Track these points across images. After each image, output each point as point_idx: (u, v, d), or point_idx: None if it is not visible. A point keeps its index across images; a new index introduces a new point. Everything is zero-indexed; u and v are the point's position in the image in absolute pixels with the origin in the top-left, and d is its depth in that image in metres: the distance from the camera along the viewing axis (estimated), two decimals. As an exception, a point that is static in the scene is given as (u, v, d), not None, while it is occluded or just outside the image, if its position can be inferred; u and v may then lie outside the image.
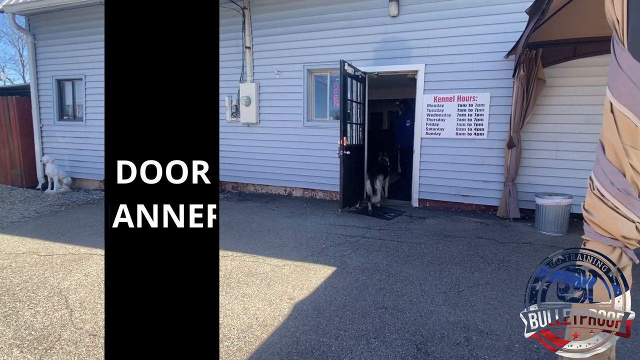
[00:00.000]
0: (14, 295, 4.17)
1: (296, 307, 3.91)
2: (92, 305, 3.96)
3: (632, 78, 1.95)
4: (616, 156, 2.06)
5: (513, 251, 5.63)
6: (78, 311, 3.82)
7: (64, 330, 3.46)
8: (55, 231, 6.71)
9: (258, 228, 6.82)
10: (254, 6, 9.47)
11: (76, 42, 10.82)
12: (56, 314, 3.75)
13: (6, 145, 11.44)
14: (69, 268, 4.94)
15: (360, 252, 5.53)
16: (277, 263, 5.13)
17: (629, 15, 1.95)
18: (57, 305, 3.94)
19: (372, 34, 8.45)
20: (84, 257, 5.38)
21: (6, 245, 5.90)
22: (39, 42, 11.36)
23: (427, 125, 8.19)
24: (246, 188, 10.49)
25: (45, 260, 5.22)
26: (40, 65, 11.46)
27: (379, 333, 3.41)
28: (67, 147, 11.47)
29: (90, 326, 3.54)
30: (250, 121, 9.78)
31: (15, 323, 3.58)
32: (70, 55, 10.96)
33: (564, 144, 7.24)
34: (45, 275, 4.72)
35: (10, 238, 6.30)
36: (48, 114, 11.57)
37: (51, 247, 5.80)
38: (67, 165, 11.39)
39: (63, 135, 11.49)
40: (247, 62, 9.67)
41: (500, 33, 7.39)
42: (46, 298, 4.11)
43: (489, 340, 3.29)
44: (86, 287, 4.38)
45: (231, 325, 3.56)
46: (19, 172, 11.42)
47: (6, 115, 11.28)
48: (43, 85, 11.50)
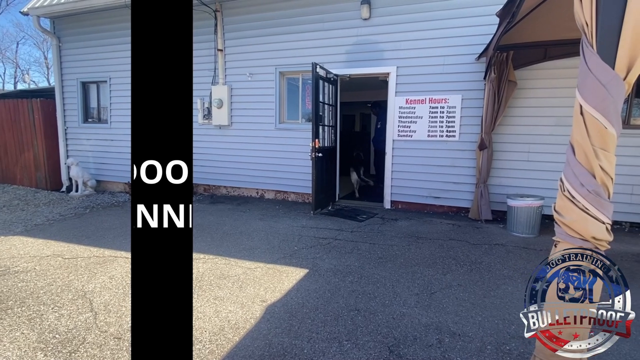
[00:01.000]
0: (38, 299, 4.09)
1: (268, 309, 3.85)
2: (117, 308, 3.90)
3: (601, 80, 1.97)
4: (586, 158, 2.07)
5: (485, 253, 5.62)
6: (102, 314, 3.76)
7: (88, 333, 3.41)
8: (80, 234, 6.60)
9: (230, 230, 6.74)
10: (226, 9, 9.42)
11: (101, 45, 10.66)
12: (80, 317, 3.69)
13: (30, 147, 11.30)
14: (94, 271, 4.88)
15: (332, 254, 5.48)
16: (249, 265, 5.06)
17: (597, 19, 1.98)
18: (82, 308, 3.88)
19: (344, 36, 8.44)
20: (108, 259, 5.30)
21: (30, 248, 5.80)
22: (64, 45, 11.17)
23: (399, 127, 8.19)
24: (218, 190, 10.40)
25: (70, 263, 5.14)
26: (65, 68, 11.26)
27: (352, 335, 3.36)
28: (91, 149, 11.30)
29: (114, 329, 3.48)
30: (222, 123, 9.70)
31: (39, 326, 3.52)
32: (94, 58, 10.79)
33: (535, 146, 7.29)
34: (70, 278, 4.65)
35: (35, 241, 6.20)
36: (73, 116, 11.37)
37: (75, 250, 5.72)
38: (91, 167, 11.24)
39: (88, 138, 11.31)
40: (219, 65, 9.61)
41: (472, 35, 7.43)
42: (70, 301, 4.04)
43: (461, 342, 3.25)
44: (110, 290, 4.31)
45: (203, 328, 3.50)
46: (43, 175, 11.27)
47: (30, 118, 11.12)
48: (68, 87, 11.31)
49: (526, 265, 5.08)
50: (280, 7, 8.89)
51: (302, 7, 8.69)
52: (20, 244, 5.99)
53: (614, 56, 1.95)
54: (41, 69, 43.21)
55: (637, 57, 1.91)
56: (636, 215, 6.87)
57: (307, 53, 8.71)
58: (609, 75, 1.95)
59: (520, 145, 7.40)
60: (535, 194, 6.84)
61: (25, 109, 11.12)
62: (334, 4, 8.43)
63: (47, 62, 38.89)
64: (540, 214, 6.54)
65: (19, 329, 3.46)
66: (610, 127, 1.97)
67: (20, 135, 11.35)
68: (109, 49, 10.52)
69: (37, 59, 47.13)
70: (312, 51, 8.68)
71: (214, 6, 9.31)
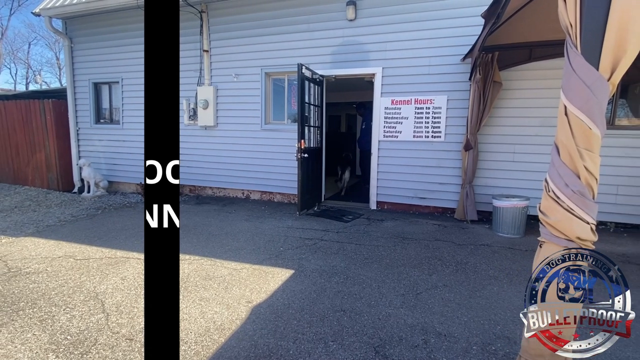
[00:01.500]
0: (50, 300, 4.06)
1: (254, 310, 3.82)
2: (129, 309, 3.87)
3: (586, 81, 1.97)
4: (571, 158, 2.07)
5: (471, 253, 5.63)
6: (114, 315, 3.74)
7: (100, 334, 3.38)
8: (92, 235, 6.56)
9: (216, 231, 6.70)
10: (211, 10, 9.39)
11: (113, 46, 10.54)
12: (92, 318, 3.67)
13: (42, 148, 11.20)
14: (105, 272, 4.84)
15: (318, 255, 5.46)
16: (235, 266, 5.03)
17: (582, 20, 1.98)
18: (93, 310, 3.85)
19: (329, 37, 8.43)
20: (120, 260, 5.27)
21: (42, 249, 5.75)
22: (76, 46, 11.03)
23: (384, 128, 8.20)
24: (204, 191, 10.35)
25: (82, 264, 5.11)
26: (77, 69, 11.13)
27: (337, 336, 3.34)
28: (103, 150, 11.17)
29: (126, 330, 3.46)
30: (208, 124, 9.66)
31: (50, 327, 3.50)
32: (106, 59, 10.66)
33: (521, 146, 7.33)
34: (82, 279, 4.62)
35: (46, 242, 6.14)
36: (84, 117, 11.23)
37: (87, 251, 5.68)
38: (103, 168, 11.13)
39: (100, 139, 11.18)
40: (205, 66, 9.57)
41: (457, 37, 7.46)
42: (82, 302, 4.01)
43: (447, 343, 3.24)
44: (122, 291, 4.28)
45: (188, 329, 3.46)
46: (55, 176, 11.16)
47: (42, 119, 11.00)
48: (80, 88, 11.17)
49: (512, 266, 5.10)
50: (266, 8, 8.87)
51: (287, 8, 8.68)
52: (32, 245, 5.95)
53: (598, 57, 1.95)
54: (53, 70, 43.16)
55: (621, 57, 1.92)
56: (621, 215, 6.93)
57: (293, 54, 8.69)
58: (593, 76, 1.95)
59: (505, 146, 7.44)
60: (521, 195, 6.88)
61: (37, 110, 11.02)
62: (319, 4, 8.42)
63: (59, 62, 38.73)
64: (526, 215, 6.58)
65: (30, 330, 3.44)
66: (594, 127, 1.98)
67: (32, 136, 11.24)
68: (121, 49, 10.43)
69: (49, 59, 46.73)
70: (298, 52, 8.67)
71: (200, 7, 9.28)
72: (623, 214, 6.91)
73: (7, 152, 11.89)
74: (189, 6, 9.11)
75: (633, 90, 7.08)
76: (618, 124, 7.00)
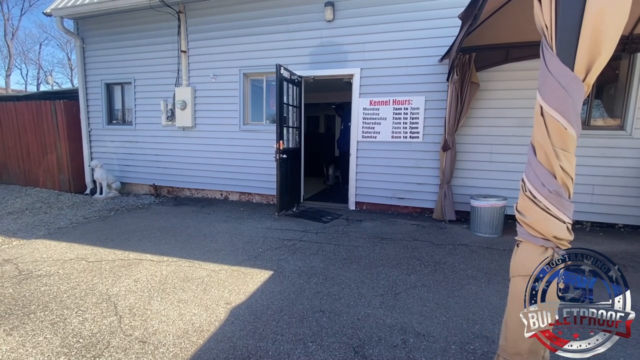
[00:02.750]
0: (62, 303, 4.01)
1: (233, 312, 3.80)
2: (142, 311, 3.82)
3: (561, 82, 1.99)
4: (547, 158, 2.08)
5: (449, 253, 5.66)
6: (127, 317, 3.69)
7: (112, 337, 3.35)
8: (104, 237, 6.47)
9: (194, 233, 6.64)
10: (189, 10, 9.31)
11: (125, 46, 10.30)
12: (105, 321, 3.63)
13: (53, 150, 10.97)
14: (118, 274, 4.79)
15: (297, 256, 5.44)
16: (214, 268, 4.99)
17: (557, 21, 1.99)
18: (106, 312, 3.80)
19: (308, 38, 8.43)
20: (133, 262, 5.21)
21: (54, 252, 5.67)
22: (88, 46, 10.75)
23: (363, 128, 8.21)
24: (182, 192, 10.27)
25: (94, 267, 5.04)
26: (88, 69, 10.85)
27: (317, 337, 3.33)
28: (116, 151, 10.92)
29: (139, 333, 3.42)
30: (185, 125, 9.58)
31: (62, 331, 3.45)
32: (119, 59, 10.42)
33: (498, 147, 7.41)
34: (94, 281, 4.56)
35: (58, 244, 6.05)
36: (97, 117, 10.97)
37: (100, 253, 5.61)
38: (116, 169, 10.91)
39: (112, 140, 10.92)
40: (182, 66, 9.50)
41: (435, 38, 7.51)
42: (94, 305, 3.96)
43: (425, 342, 3.25)
44: (135, 293, 4.23)
45: (167, 331, 3.43)
46: (66, 177, 10.93)
47: (54, 120, 10.74)
48: (92, 89, 10.90)
49: (490, 265, 5.14)
50: (244, 9, 8.82)
51: (265, 9, 8.65)
52: (44, 248, 5.86)
53: (573, 58, 1.96)
54: (64, 71, 42.80)
55: (595, 58, 1.93)
56: (597, 215, 7.04)
57: (271, 54, 8.67)
58: (568, 77, 1.97)
59: (483, 146, 7.51)
60: (498, 195, 6.96)
61: (49, 111, 10.78)
62: (297, 5, 8.41)
63: (71, 63, 38.42)
64: (503, 214, 6.64)
65: (42, 334, 3.39)
66: (570, 128, 1.99)
67: (43, 137, 11.01)
68: (134, 50, 10.22)
69: (60, 60, 46.14)
70: (276, 52, 8.64)
71: (178, 7, 9.20)
72: (599, 213, 7.02)
73: (18, 153, 11.65)
74: (166, 6, 9.02)
75: (608, 91, 7.20)
76: (594, 124, 7.10)
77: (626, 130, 6.86)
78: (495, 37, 6.35)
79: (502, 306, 3.92)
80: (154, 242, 6.08)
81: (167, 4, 8.98)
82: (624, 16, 1.88)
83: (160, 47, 9.75)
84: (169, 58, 9.65)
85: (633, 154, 6.84)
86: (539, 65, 2.12)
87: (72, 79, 38.42)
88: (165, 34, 9.53)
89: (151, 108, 10.16)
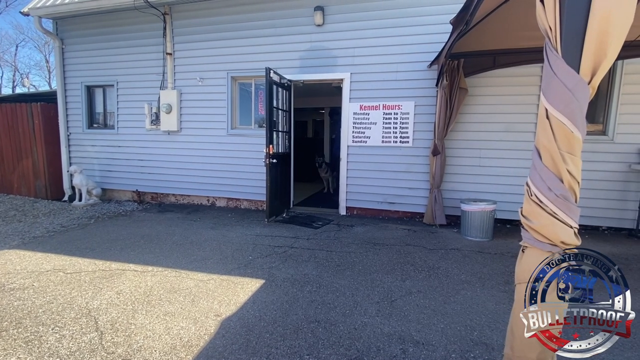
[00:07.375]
0: (37, 318, 3.76)
1: (223, 324, 3.66)
2: (125, 326, 3.61)
3: (567, 85, 1.96)
4: (553, 162, 2.04)
5: (442, 258, 5.64)
6: (109, 333, 3.48)
7: (93, 355, 3.12)
8: (84, 246, 6.20)
9: (180, 240, 6.50)
10: (175, 12, 9.21)
11: (108, 48, 10.05)
12: (84, 338, 3.40)
13: (29, 154, 10.62)
14: (99, 286, 4.56)
15: (289, 263, 5.36)
16: (202, 277, 4.85)
17: (562, 23, 1.96)
18: (86, 328, 3.57)
19: (297, 42, 8.39)
20: (115, 273, 4.98)
21: (28, 263, 5.38)
22: (67, 47, 10.46)
23: (353, 133, 8.19)
24: (167, 199, 10.12)
25: (72, 278, 4.79)
26: (68, 71, 10.54)
27: (313, 349, 3.23)
28: (97, 156, 10.60)
29: (123, 350, 3.21)
30: (171, 129, 9.45)
31: (37, 349, 3.21)
32: (101, 61, 10.15)
33: (486, 151, 7.45)
34: (72, 294, 4.31)
35: (33, 255, 5.75)
36: (76, 121, 10.63)
37: (79, 264, 5.34)
38: (97, 175, 10.58)
39: (93, 144, 10.60)
40: (168, 69, 9.38)
41: (424, 43, 7.53)
42: (73, 320, 3.73)
43: (425, 351, 3.19)
44: (118, 307, 4.02)
45: (152, 347, 3.25)
46: (43, 184, 10.59)
47: (30, 123, 10.42)
48: (71, 91, 10.58)
49: (482, 270, 5.12)
50: (232, 12, 8.76)
51: (254, 12, 8.59)
52: (17, 259, 5.57)
53: (578, 60, 1.94)
54: (42, 73, 41.71)
55: (601, 61, 1.91)
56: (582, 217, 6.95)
57: (260, 58, 8.61)
58: (574, 80, 1.94)
59: (472, 151, 7.54)
60: (488, 199, 6.97)
61: (24, 114, 10.46)
62: (286, 9, 8.38)
63: (49, 65, 37.49)
64: (493, 218, 6.65)
65: (14, 354, 3.15)
66: (576, 130, 1.96)
67: (19, 141, 10.66)
68: (117, 51, 9.99)
69: (37, 62, 45.29)
70: (265, 56, 8.58)
71: (163, 9, 9.09)
72: (583, 216, 7.01)
73: (-10, 159, 11.23)
74: (151, 7, 8.91)
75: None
76: (584, 129, 7.14)
77: (608, 135, 6.99)
78: (483, 44, 6.37)
79: (499, 311, 3.91)
80: (138, 251, 5.90)
81: (152, 5, 8.87)
82: (629, 19, 1.86)
83: (144, 49, 9.60)
84: (154, 60, 9.52)
85: (615, 159, 6.97)
86: (526, 72, 2.10)
87: (50, 82, 37.67)
88: (150, 35, 9.41)
89: (135, 112, 9.97)
